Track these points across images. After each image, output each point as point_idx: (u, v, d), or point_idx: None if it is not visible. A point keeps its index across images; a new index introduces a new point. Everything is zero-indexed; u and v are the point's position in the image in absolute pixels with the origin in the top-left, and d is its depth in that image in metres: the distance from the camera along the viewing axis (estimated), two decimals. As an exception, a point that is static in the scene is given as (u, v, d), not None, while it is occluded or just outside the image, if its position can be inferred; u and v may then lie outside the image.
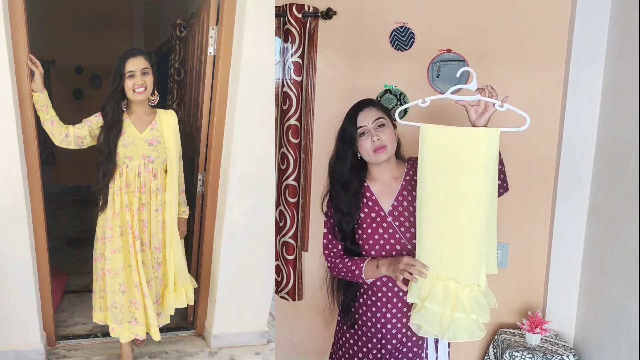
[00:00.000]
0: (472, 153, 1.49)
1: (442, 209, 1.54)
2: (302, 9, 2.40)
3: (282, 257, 2.59)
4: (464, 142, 1.50)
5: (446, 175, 1.52)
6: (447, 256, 1.56)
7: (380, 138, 1.66)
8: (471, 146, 1.49)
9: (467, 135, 1.51)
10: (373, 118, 1.68)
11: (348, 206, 1.72)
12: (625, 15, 2.05)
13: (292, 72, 2.43)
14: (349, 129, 1.70)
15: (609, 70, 2.18)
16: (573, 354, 2.14)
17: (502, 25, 2.33)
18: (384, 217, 1.72)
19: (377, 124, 1.68)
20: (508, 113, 1.56)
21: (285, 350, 2.72)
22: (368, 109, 1.71)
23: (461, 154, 1.50)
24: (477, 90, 1.54)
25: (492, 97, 1.52)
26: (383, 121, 1.69)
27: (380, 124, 1.68)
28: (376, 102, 1.77)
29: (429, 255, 1.58)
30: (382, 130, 1.68)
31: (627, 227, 1.92)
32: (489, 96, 1.52)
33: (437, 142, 1.53)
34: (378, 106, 1.74)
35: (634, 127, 1.91)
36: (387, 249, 1.71)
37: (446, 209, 1.54)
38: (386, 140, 1.67)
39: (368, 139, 1.67)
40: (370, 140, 1.66)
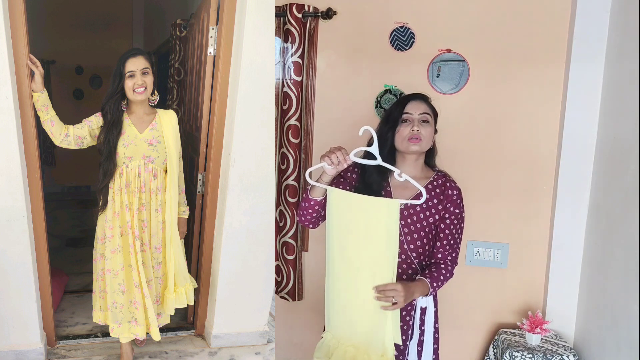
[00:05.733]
0: (372, 221, 1.59)
1: (345, 272, 1.65)
2: (302, 9, 2.40)
3: (282, 257, 2.59)
4: (365, 211, 1.60)
5: (350, 240, 1.63)
6: (350, 319, 1.66)
7: (420, 130, 1.69)
8: (372, 215, 1.59)
9: (368, 204, 1.60)
10: (420, 111, 1.72)
11: (378, 185, 1.72)
12: (625, 15, 2.05)
13: (292, 72, 2.43)
14: (395, 112, 1.74)
15: (609, 70, 2.17)
16: (573, 354, 2.14)
17: (502, 25, 2.34)
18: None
19: (422, 117, 1.72)
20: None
21: (285, 350, 2.72)
22: (419, 102, 1.75)
23: (362, 221, 1.60)
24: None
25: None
26: (428, 117, 1.73)
27: (424, 119, 1.72)
28: (428, 99, 1.79)
29: (336, 315, 1.70)
30: (424, 125, 1.71)
31: (627, 227, 1.92)
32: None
33: (342, 207, 1.63)
34: (428, 104, 1.77)
35: (634, 127, 1.91)
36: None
37: (348, 273, 1.65)
38: (425, 135, 1.71)
39: (408, 127, 1.70)
40: (410, 128, 1.70)
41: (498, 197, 2.42)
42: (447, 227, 1.75)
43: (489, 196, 2.43)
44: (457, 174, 1.86)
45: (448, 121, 2.32)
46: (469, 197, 1.97)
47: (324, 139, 2.53)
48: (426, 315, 1.77)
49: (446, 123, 2.26)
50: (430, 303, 1.77)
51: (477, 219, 2.40)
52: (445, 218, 1.75)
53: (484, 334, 2.51)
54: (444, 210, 1.75)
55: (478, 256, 2.45)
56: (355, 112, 2.48)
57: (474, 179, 2.39)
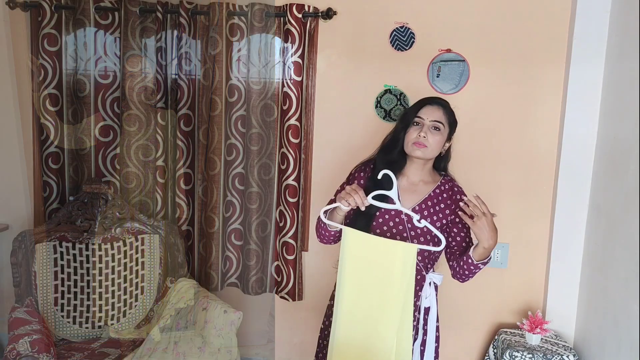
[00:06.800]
0: (387, 264, 1.56)
1: (356, 309, 1.62)
2: (302, 9, 2.40)
3: (282, 257, 2.59)
4: (380, 253, 1.58)
5: (362, 279, 1.60)
6: (358, 354, 1.63)
7: (427, 137, 1.67)
8: (387, 258, 1.57)
9: (384, 246, 1.58)
10: (433, 117, 1.69)
11: (388, 187, 1.68)
12: (625, 15, 2.05)
13: (292, 72, 2.43)
14: (410, 114, 1.72)
15: (609, 70, 2.17)
16: (573, 354, 2.14)
17: (502, 25, 2.34)
18: (398, 212, 1.71)
19: (433, 124, 1.69)
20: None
21: (285, 350, 2.72)
22: (436, 107, 1.71)
23: (377, 262, 1.58)
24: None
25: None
26: (440, 126, 1.70)
27: (436, 127, 1.69)
28: (448, 106, 1.75)
29: (341, 347, 1.65)
30: (434, 132, 1.69)
31: (627, 227, 1.92)
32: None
33: (356, 247, 1.61)
34: (447, 110, 1.73)
35: (634, 127, 1.91)
36: (393, 232, 1.70)
37: (359, 309, 1.61)
38: (431, 142, 1.68)
39: (416, 131, 1.68)
40: (417, 132, 1.68)
41: (498, 197, 2.42)
42: (460, 231, 1.75)
43: (489, 196, 2.41)
44: (457, 174, 1.86)
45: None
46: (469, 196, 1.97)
47: (324, 139, 2.53)
48: (429, 315, 1.77)
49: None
50: (434, 303, 1.76)
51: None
52: (457, 222, 1.75)
53: (484, 334, 2.52)
54: (452, 214, 1.75)
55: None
56: (355, 112, 2.48)
57: (474, 179, 2.38)
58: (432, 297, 1.75)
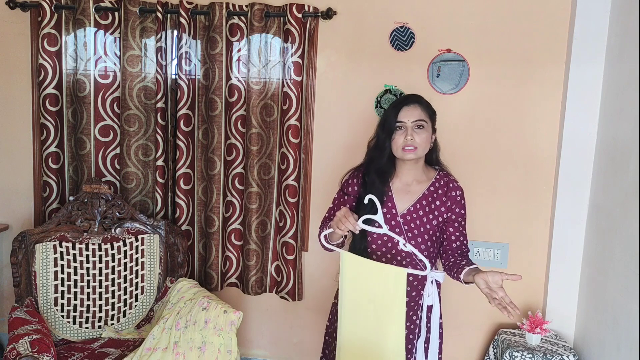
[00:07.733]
0: (381, 286, 1.62)
1: (357, 330, 1.67)
2: (302, 9, 2.40)
3: (282, 257, 2.59)
4: (374, 275, 1.63)
5: (360, 301, 1.66)
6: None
7: (414, 139, 1.67)
8: (380, 279, 1.62)
9: (377, 270, 1.63)
10: (415, 117, 1.68)
11: (380, 194, 1.70)
12: (625, 15, 2.05)
13: (292, 72, 2.43)
14: (390, 119, 1.70)
15: (609, 70, 2.17)
16: (573, 354, 2.14)
17: (502, 25, 2.34)
18: (394, 216, 1.71)
19: (416, 124, 1.68)
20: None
21: (285, 350, 2.72)
22: (413, 106, 1.70)
23: (372, 285, 1.63)
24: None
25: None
26: (423, 123, 1.69)
27: (419, 125, 1.69)
28: (424, 101, 1.74)
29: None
30: (419, 131, 1.68)
31: (627, 227, 1.92)
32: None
33: (353, 269, 1.66)
34: (424, 106, 1.72)
35: (634, 127, 1.91)
36: (388, 247, 1.71)
37: (358, 330, 1.67)
38: (419, 142, 1.68)
39: (402, 136, 1.68)
40: (404, 137, 1.67)
41: (498, 197, 2.42)
42: (456, 230, 1.76)
43: (489, 196, 2.43)
44: (457, 174, 1.86)
45: (448, 121, 2.33)
46: (469, 197, 1.97)
47: (324, 139, 2.53)
48: (432, 313, 1.77)
49: (446, 123, 2.26)
50: (436, 301, 1.77)
51: (477, 219, 2.40)
52: (453, 220, 1.75)
53: (484, 333, 2.52)
54: (449, 211, 1.75)
55: (478, 256, 2.45)
56: (355, 112, 2.48)
57: (474, 179, 2.39)
58: (434, 295, 1.76)
